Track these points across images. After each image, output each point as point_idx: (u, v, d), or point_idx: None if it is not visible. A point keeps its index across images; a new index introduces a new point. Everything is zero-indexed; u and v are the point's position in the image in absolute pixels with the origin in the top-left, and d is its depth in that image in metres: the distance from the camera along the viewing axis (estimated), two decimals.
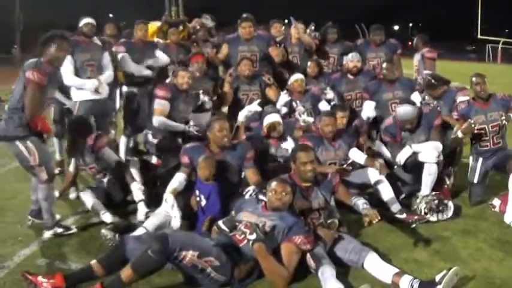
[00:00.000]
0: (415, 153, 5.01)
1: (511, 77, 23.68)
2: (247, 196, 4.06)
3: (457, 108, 5.30)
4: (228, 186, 4.28)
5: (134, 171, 4.96)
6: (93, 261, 3.32)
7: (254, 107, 5.32)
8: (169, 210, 4.05)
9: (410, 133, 5.15)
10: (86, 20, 5.70)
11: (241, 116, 5.24)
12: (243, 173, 4.51)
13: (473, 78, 5.19)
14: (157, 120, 5.17)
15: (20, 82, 4.00)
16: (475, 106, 5.17)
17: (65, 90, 5.66)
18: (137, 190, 4.66)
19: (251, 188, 4.17)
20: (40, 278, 3.22)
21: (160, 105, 5.21)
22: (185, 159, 4.40)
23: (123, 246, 3.36)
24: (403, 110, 5.08)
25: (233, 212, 3.82)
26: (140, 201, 4.62)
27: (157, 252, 3.07)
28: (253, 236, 3.25)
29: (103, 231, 4.08)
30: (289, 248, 3.45)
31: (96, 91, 5.51)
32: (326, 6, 58.70)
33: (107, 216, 4.49)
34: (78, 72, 5.52)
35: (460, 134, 5.02)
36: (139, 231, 3.97)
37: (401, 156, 5.09)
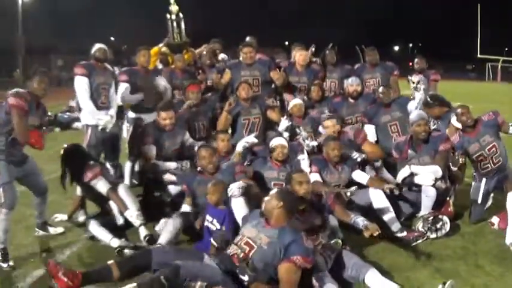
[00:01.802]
0: (413, 174, 5.14)
1: (510, 95, 23.87)
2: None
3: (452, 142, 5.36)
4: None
5: (126, 197, 4.90)
6: (111, 262, 3.45)
7: (251, 138, 5.44)
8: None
9: (416, 152, 5.28)
10: (98, 46, 5.90)
11: (239, 147, 5.35)
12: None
13: (458, 110, 5.30)
14: (151, 165, 5.51)
15: (2, 110, 4.26)
16: (466, 137, 5.27)
17: None
18: (131, 217, 4.71)
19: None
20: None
21: (146, 149, 5.54)
22: (184, 187, 4.92)
23: (149, 256, 3.47)
24: (414, 113, 5.38)
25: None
26: (140, 225, 4.70)
27: (168, 279, 3.17)
28: (246, 278, 3.33)
29: (126, 251, 4.39)
30: (288, 268, 3.38)
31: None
32: (326, 26, 59.34)
33: (114, 242, 4.57)
34: (93, 95, 5.76)
35: (453, 168, 5.16)
36: None
37: (400, 175, 5.22)
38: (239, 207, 4.25)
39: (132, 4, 52.07)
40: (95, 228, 4.71)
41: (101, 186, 4.89)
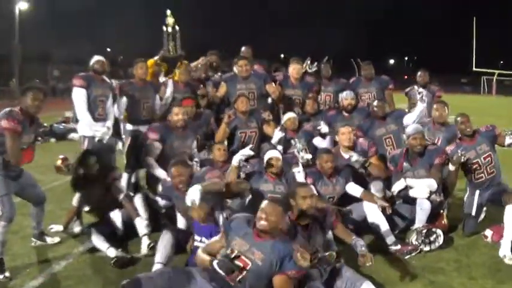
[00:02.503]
0: (408, 187, 5.18)
1: (506, 108, 24.05)
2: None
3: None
4: None
5: (139, 206, 5.08)
6: None
7: (247, 151, 5.33)
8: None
9: (412, 165, 5.32)
10: (97, 58, 5.94)
11: (235, 160, 5.31)
12: None
13: (458, 118, 5.36)
14: (146, 161, 5.58)
15: None
16: (463, 145, 5.32)
17: None
18: (140, 225, 4.81)
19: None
20: None
21: (149, 147, 5.58)
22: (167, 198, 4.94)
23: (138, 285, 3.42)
24: (411, 126, 5.42)
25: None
26: (144, 235, 4.76)
27: None
28: None
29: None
30: (283, 279, 3.36)
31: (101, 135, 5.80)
32: (324, 38, 59.68)
33: (111, 251, 4.61)
34: (90, 106, 5.78)
35: (451, 167, 5.21)
36: (155, 267, 4.08)
37: (395, 187, 5.26)
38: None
39: (128, 14, 52.24)
40: (93, 237, 4.75)
41: (119, 190, 5.04)
